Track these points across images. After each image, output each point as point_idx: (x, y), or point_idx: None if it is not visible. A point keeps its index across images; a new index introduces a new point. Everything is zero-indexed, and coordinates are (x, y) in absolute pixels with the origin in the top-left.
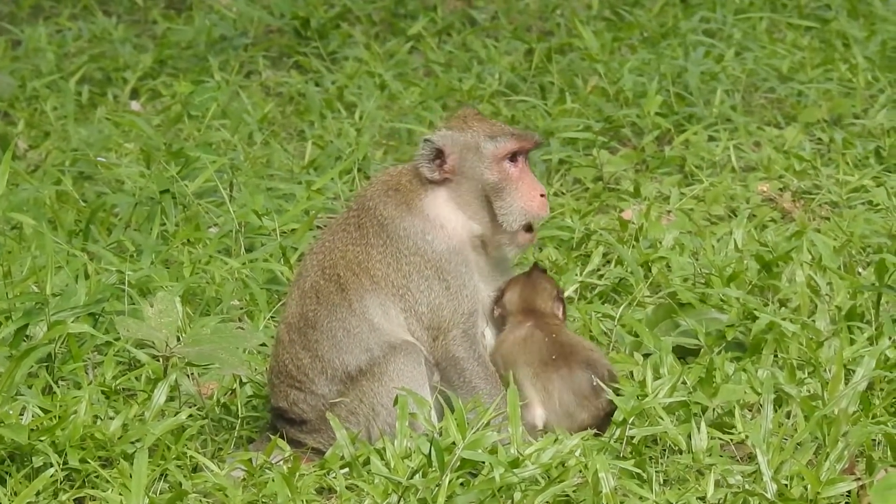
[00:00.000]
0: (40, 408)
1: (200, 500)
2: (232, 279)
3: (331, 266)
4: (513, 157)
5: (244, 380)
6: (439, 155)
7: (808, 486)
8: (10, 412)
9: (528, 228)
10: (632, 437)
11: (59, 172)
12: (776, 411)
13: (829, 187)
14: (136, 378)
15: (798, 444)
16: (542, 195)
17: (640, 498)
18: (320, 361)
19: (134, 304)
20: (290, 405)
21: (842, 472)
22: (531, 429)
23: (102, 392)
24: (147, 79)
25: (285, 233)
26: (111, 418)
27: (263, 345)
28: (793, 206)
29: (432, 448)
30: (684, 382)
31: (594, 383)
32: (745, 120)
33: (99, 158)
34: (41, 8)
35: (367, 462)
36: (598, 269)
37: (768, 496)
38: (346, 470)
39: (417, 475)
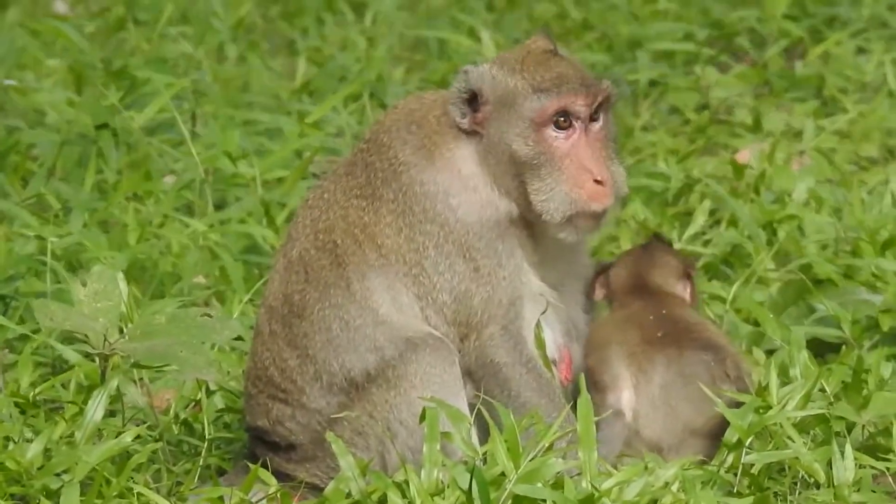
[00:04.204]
0: None
1: None
2: (195, 247)
3: (326, 229)
4: (563, 118)
5: (212, 387)
6: (475, 97)
7: None
8: None
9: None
10: (750, 466)
11: None
12: None
13: None
14: (63, 385)
15: None
16: (597, 181)
17: None
18: (312, 364)
19: (59, 282)
20: (272, 424)
21: None
22: (616, 417)
23: (16, 404)
24: None
25: (269, 183)
26: (28, 441)
27: (239, 338)
28: None
29: (474, 480)
30: (823, 390)
31: (711, 367)
32: None
33: (8, 82)
34: None
35: (382, 500)
36: (704, 233)
37: None
38: None
39: None
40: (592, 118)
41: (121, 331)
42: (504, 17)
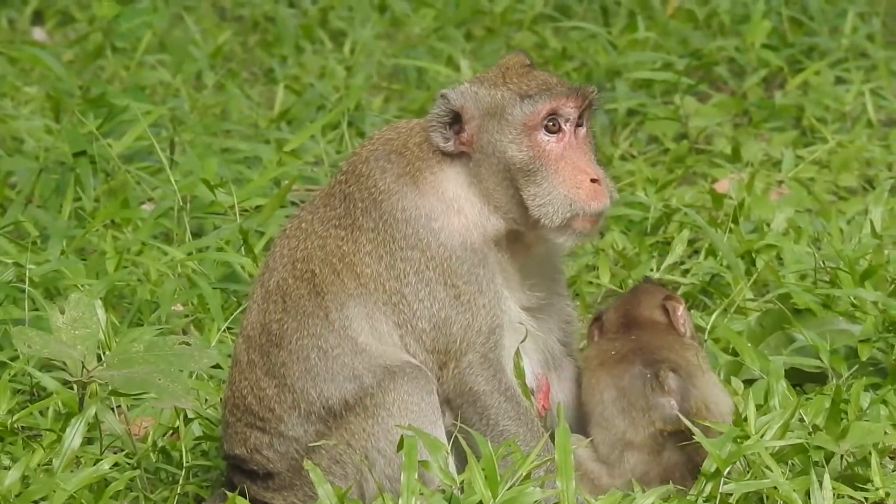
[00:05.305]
0: None
1: None
2: (173, 275)
3: (304, 258)
4: (553, 122)
5: (190, 415)
6: (457, 119)
7: None
8: None
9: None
10: (728, 495)
11: None
12: None
13: None
14: (41, 412)
15: None
16: (593, 180)
17: None
18: (290, 393)
19: (37, 309)
20: (250, 452)
21: None
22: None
23: None
24: None
25: (247, 211)
26: (6, 468)
27: (217, 366)
28: None
29: None
30: (801, 419)
31: (647, 380)
32: (887, 55)
33: None
34: None
35: None
36: (682, 262)
37: None
38: None
39: None
40: (578, 123)
41: (99, 358)
42: (483, 46)
